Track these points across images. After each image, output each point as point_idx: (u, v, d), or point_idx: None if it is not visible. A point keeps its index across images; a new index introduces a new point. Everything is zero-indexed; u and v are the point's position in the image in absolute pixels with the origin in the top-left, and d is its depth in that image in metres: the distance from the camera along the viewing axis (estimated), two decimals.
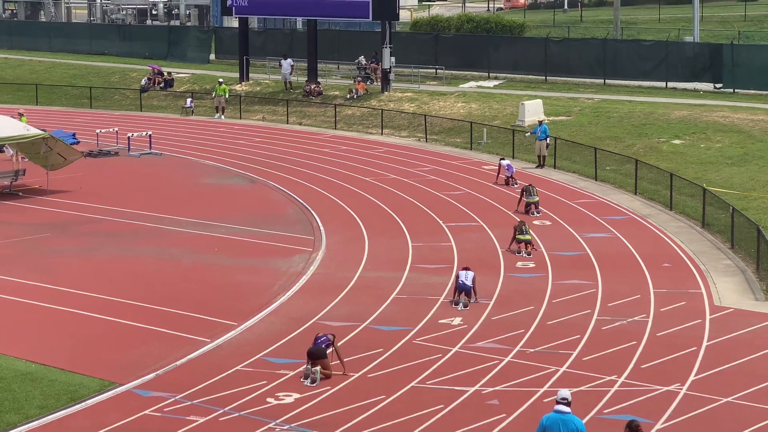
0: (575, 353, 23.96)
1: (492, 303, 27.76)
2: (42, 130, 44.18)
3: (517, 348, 24.32)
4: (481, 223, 36.72)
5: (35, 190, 42.48)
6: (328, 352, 22.68)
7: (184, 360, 23.64)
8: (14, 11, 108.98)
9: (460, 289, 27.67)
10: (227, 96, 63.49)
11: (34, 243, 34.43)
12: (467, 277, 27.71)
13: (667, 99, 57.30)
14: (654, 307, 27.34)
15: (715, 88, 59.69)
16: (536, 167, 46.51)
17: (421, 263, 31.74)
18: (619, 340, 24.75)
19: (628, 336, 25.08)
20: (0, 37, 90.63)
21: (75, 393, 21.67)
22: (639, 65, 62.11)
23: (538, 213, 37.64)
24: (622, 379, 22.36)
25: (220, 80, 64.57)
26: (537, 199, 38.26)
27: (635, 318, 26.45)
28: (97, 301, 27.96)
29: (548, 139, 46.69)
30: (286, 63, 67.29)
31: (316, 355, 22.50)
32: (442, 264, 31.48)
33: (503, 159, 45.16)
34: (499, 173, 43.82)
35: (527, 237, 32.90)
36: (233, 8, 67.16)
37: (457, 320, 26.33)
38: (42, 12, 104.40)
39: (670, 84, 60.79)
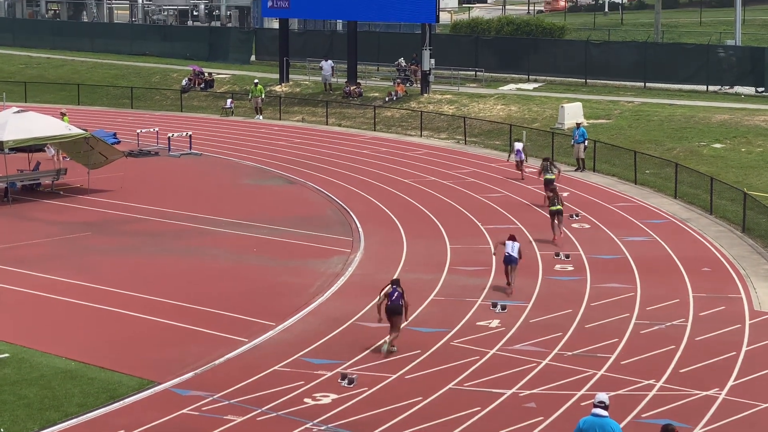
0: (613, 357, 23.89)
1: (530, 306, 27.72)
2: (83, 129, 44.52)
3: (555, 351, 24.28)
4: (520, 225, 36.65)
5: (76, 189, 42.81)
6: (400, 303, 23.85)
7: (222, 359, 23.76)
8: (57, 11, 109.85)
9: (507, 261, 28.54)
10: (263, 96, 63.74)
11: (75, 242, 34.69)
12: (513, 249, 28.38)
13: (707, 102, 56.98)
14: (693, 312, 27.20)
15: (756, 92, 59.31)
16: (575, 170, 46.40)
17: (459, 265, 31.72)
18: (657, 344, 24.65)
19: (666, 340, 24.97)
20: (43, 37, 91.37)
21: (114, 391, 21.82)
22: (680, 69, 61.80)
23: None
24: (660, 383, 22.27)
25: (256, 81, 64.81)
26: (554, 177, 38.52)
27: (674, 322, 26.32)
28: (136, 300, 28.14)
29: (586, 142, 46.58)
30: (327, 64, 67.39)
31: (393, 311, 23.83)
32: (480, 266, 31.45)
33: (517, 141, 45.96)
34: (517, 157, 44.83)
35: (558, 207, 33.55)
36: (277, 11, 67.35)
37: (495, 323, 26.31)
38: (84, 12, 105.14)
39: (711, 88, 60.45)
